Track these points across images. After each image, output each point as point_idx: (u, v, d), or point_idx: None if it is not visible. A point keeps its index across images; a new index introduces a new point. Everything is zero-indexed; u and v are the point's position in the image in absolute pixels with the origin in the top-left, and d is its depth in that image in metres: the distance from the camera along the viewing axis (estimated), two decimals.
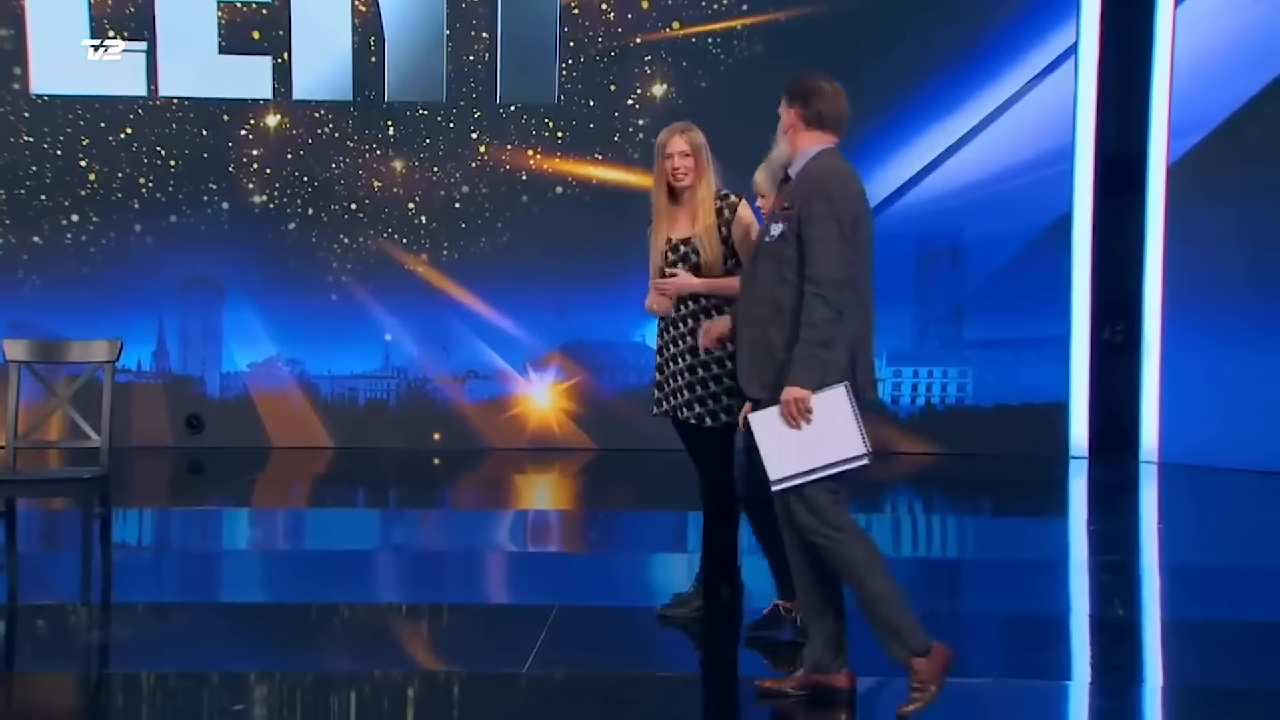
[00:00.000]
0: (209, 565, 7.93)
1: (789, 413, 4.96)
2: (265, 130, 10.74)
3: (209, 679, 5.69)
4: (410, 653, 6.13)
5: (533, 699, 5.44)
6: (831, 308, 4.93)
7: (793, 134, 5.23)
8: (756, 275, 5.16)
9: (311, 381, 10.95)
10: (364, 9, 10.62)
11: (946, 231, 10.99)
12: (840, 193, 5.05)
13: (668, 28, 10.76)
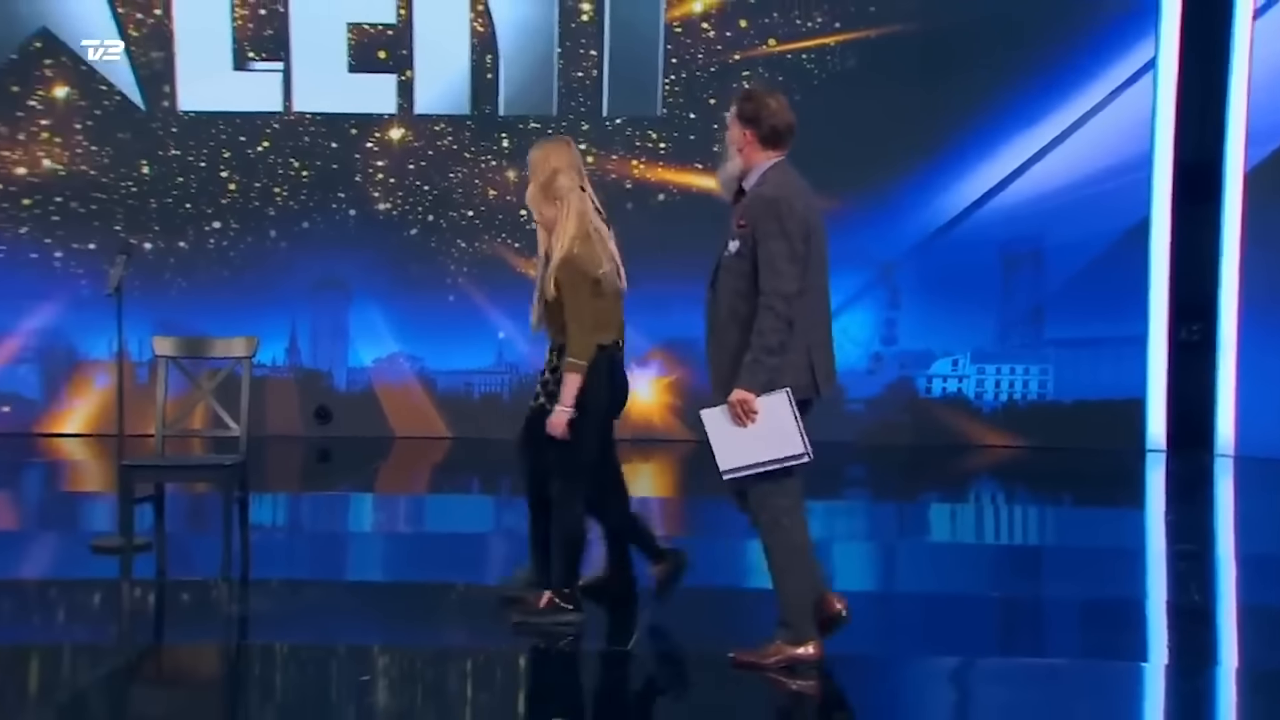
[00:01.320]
0: (337, 546, 8.05)
1: (735, 412, 5.12)
2: (389, 143, 10.87)
3: (338, 651, 5.79)
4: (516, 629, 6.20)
5: (637, 675, 5.48)
6: (780, 318, 5.05)
7: (747, 151, 5.28)
8: (717, 288, 5.28)
9: (430, 376, 11.07)
10: (481, 29, 10.71)
11: (1029, 236, 10.92)
12: (789, 211, 5.13)
13: (764, 44, 10.76)
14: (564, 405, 5.73)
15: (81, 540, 7.54)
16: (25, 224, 10.69)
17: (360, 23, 10.69)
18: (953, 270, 10.82)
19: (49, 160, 10.74)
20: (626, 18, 10.71)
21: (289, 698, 5.45)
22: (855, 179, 10.65)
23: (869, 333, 11.02)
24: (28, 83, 10.66)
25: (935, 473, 10.51)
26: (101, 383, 10.58)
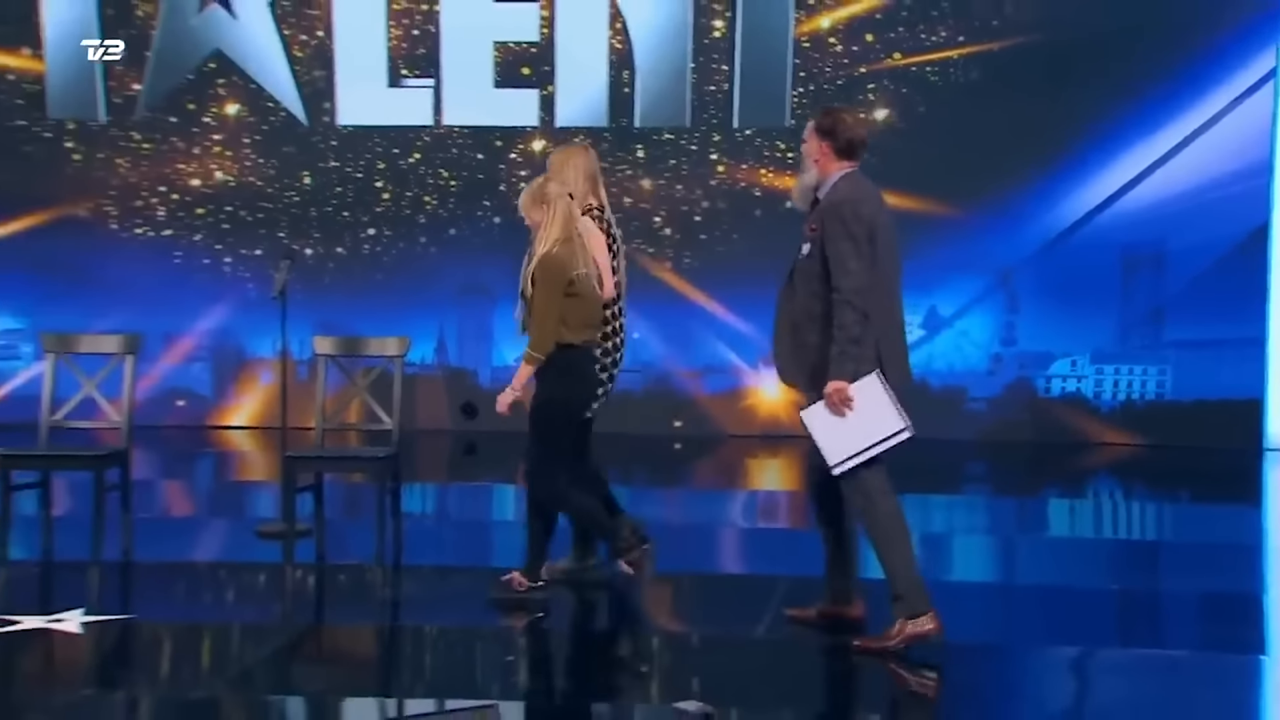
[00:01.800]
0: (482, 534, 8.14)
1: (832, 404, 5.25)
2: (532, 154, 10.96)
3: (482, 633, 5.86)
4: (655, 616, 6.22)
5: (769, 660, 5.48)
6: (856, 310, 5.20)
7: (822, 162, 5.41)
8: (793, 289, 5.42)
9: None
10: (619, 46, 10.77)
11: (1150, 240, 10.72)
12: (853, 213, 5.27)
13: (890, 58, 10.69)
14: (513, 388, 5.91)
15: (248, 526, 7.71)
16: (199, 231, 10.95)
17: (505, 41, 10.80)
18: (1072, 274, 10.67)
19: (220, 172, 10.99)
20: (757, 34, 10.70)
21: (438, 676, 5.53)
22: (977, 187, 10.55)
23: (989, 335, 10.90)
24: (203, 101, 10.92)
25: (1054, 469, 10.37)
26: (266, 379, 10.81)
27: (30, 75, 10.84)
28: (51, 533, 6.92)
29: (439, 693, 5.26)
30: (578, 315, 5.89)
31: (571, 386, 5.92)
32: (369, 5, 10.76)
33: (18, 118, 10.85)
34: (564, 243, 5.88)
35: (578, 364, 5.93)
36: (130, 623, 5.90)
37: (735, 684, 5.21)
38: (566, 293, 5.85)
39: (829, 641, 5.57)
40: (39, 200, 10.88)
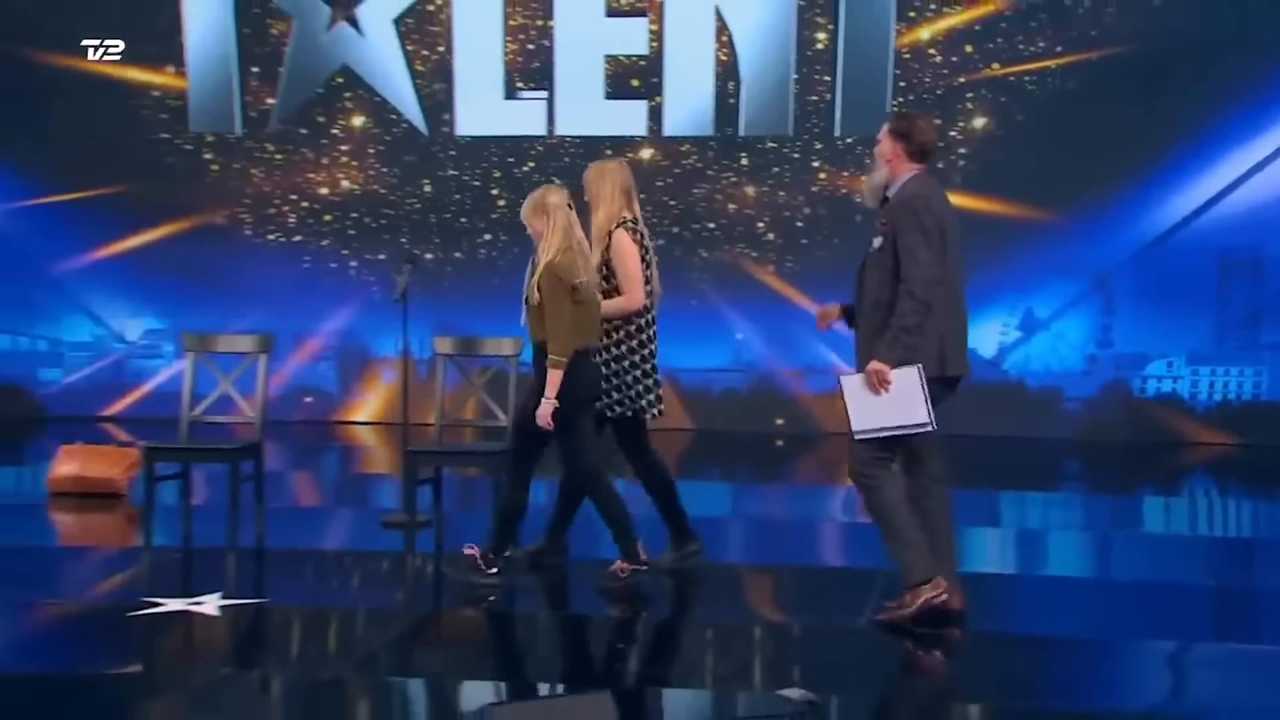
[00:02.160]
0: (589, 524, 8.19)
1: (870, 381, 5.34)
2: (640, 162, 11.00)
3: (592, 620, 5.91)
4: (757, 607, 6.22)
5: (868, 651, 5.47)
6: (918, 301, 5.28)
7: (894, 163, 5.50)
8: (865, 280, 5.52)
9: (674, 373, 11.14)
10: (724, 59, 10.78)
11: (1246, 244, 10.52)
12: (925, 207, 5.38)
13: (988, 68, 10.59)
14: (548, 397, 5.93)
15: (372, 516, 7.84)
16: (326, 237, 11.13)
17: (616, 54, 10.85)
18: (1169, 278, 10.49)
19: (347, 181, 11.17)
20: (859, 45, 10.65)
21: (549, 658, 5.59)
22: (1074, 193, 10.42)
23: (1085, 336, 10.76)
24: (331, 113, 11.10)
25: (1149, 468, 10.21)
26: (388, 378, 10.95)
27: (173, 92, 11.09)
28: (191, 521, 7.10)
29: (549, 674, 5.32)
30: (580, 321, 5.97)
31: (575, 384, 5.99)
32: (487, 21, 10.87)
33: (161, 131, 11.11)
34: (565, 251, 5.94)
35: (576, 365, 5.98)
36: (264, 606, 6.03)
37: (835, 673, 5.21)
38: (571, 299, 5.92)
39: (926, 632, 5.55)
40: (180, 209, 11.12)
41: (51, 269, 11.19)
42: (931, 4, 10.64)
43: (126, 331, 11.34)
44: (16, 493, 9.25)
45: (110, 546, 7.39)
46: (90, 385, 11.30)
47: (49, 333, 11.36)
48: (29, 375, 11.35)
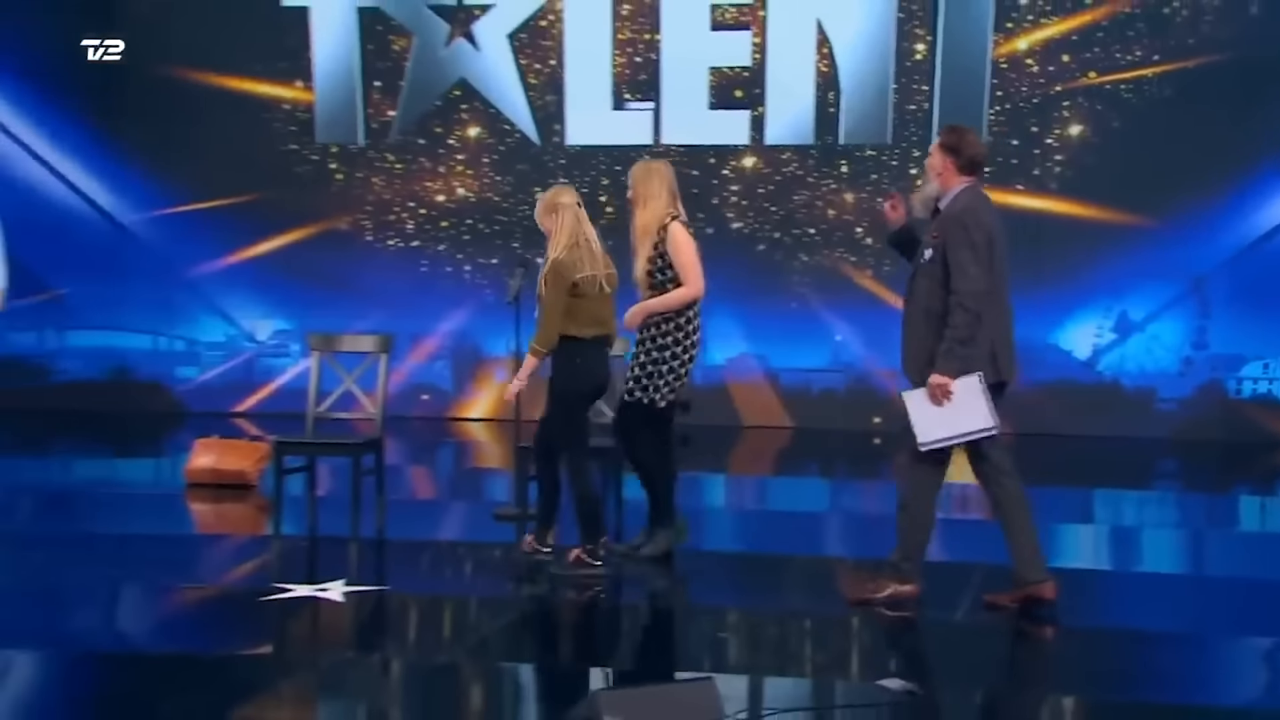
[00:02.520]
0: (695, 519, 8.18)
1: (932, 393, 5.42)
2: (743, 170, 10.99)
3: (697, 610, 5.92)
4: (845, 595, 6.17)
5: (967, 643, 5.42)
6: (969, 312, 5.32)
7: (945, 176, 5.51)
8: (915, 290, 5.56)
9: (774, 373, 11.13)
10: (825, 70, 10.71)
11: None
12: (974, 222, 5.40)
13: (1085, 76, 10.41)
14: (519, 378, 6.17)
15: (484, 509, 7.90)
16: (443, 242, 11.24)
17: (720, 66, 10.83)
18: (1265, 281, 10.24)
19: (462, 189, 11.27)
20: (956, 56, 10.52)
21: (653, 646, 5.60)
22: (1168, 199, 10.22)
23: (1180, 338, 10.54)
24: (448, 124, 11.21)
25: (1244, 467, 9.98)
26: (500, 377, 11.01)
27: (301, 105, 11.27)
28: (316, 511, 7.21)
29: (650, 661, 5.34)
30: (584, 313, 6.11)
31: (577, 374, 6.13)
32: (597, 35, 10.91)
33: (290, 143, 11.29)
34: (571, 248, 6.10)
35: (582, 355, 6.12)
36: (384, 593, 6.11)
37: (933, 665, 5.17)
38: (572, 293, 6.07)
39: (1023, 625, 5.49)
40: (306, 215, 11.29)
41: (189, 273, 11.42)
42: (1029, 15, 10.49)
43: (257, 332, 11.54)
44: (156, 483, 9.48)
45: (242, 534, 7.55)
46: (223, 383, 11.51)
47: (186, 333, 11.59)
48: (167, 373, 11.60)
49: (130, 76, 11.27)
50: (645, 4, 10.87)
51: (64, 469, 10.11)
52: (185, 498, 8.09)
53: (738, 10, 10.78)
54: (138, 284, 11.43)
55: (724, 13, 10.79)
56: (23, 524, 7.84)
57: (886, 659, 5.35)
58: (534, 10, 10.96)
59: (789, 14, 10.68)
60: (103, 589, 6.15)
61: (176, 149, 11.24)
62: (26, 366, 11.59)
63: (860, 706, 4.66)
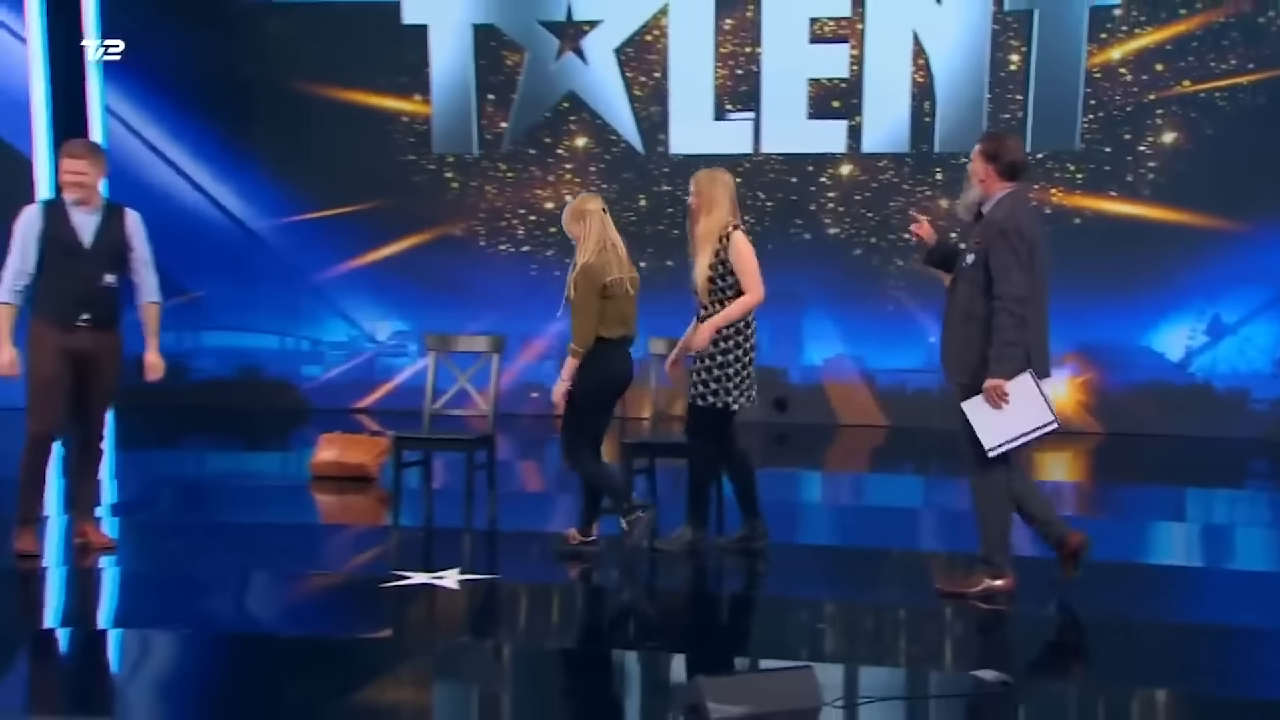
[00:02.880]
0: (793, 515, 8.16)
1: (990, 398, 5.41)
2: (840, 177, 10.94)
3: (793, 603, 5.90)
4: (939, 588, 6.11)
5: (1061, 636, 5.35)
6: (1014, 316, 5.31)
7: (987, 182, 5.46)
8: (957, 293, 5.54)
9: (870, 373, 11.07)
10: (921, 80, 10.63)
11: None
12: (1017, 228, 5.36)
13: (1179, 85, 10.21)
14: (563, 379, 6.20)
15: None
16: (551, 248, 11.32)
17: (818, 78, 10.79)
18: None
19: (570, 196, 11.28)
20: (1051, 65, 10.38)
21: (753, 635, 5.60)
22: (1261, 204, 10.00)
23: (1272, 341, 10.31)
24: (557, 135, 11.30)
25: None
26: None
27: (420, 118, 11.42)
28: (432, 503, 7.29)
29: (757, 653, 5.34)
30: (611, 314, 6.22)
31: (605, 372, 6.22)
32: (699, 49, 10.93)
33: (409, 154, 11.45)
34: (599, 252, 6.20)
35: (610, 354, 6.21)
36: (496, 582, 6.18)
37: (1025, 657, 5.11)
38: (601, 295, 6.16)
39: (1121, 621, 5.40)
40: (423, 222, 11.45)
41: (313, 277, 11.63)
42: (1123, 26, 10.30)
43: (376, 333, 11.72)
44: (283, 475, 9.65)
45: (363, 524, 7.66)
46: (345, 380, 11.70)
47: (311, 334, 11.81)
48: (293, 371, 11.82)
49: (261, 91, 11.51)
50: (747, 18, 10.86)
51: (199, 462, 10.34)
52: (310, 489, 8.22)
53: (836, 23, 10.73)
54: (267, 287, 11.65)
55: (822, 26, 10.75)
56: (162, 514, 8.03)
57: (980, 650, 5.30)
58: (640, 25, 11.00)
59: (886, 26, 10.61)
60: (235, 575, 6.28)
61: (303, 159, 11.45)
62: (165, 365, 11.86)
63: (955, 696, 4.62)
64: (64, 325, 6.14)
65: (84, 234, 6.18)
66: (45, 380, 6.14)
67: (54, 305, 6.14)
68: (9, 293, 6.12)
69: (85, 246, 6.17)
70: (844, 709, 4.41)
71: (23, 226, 6.14)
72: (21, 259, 6.12)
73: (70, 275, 6.13)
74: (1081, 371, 10.60)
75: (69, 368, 6.17)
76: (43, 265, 6.13)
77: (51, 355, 6.12)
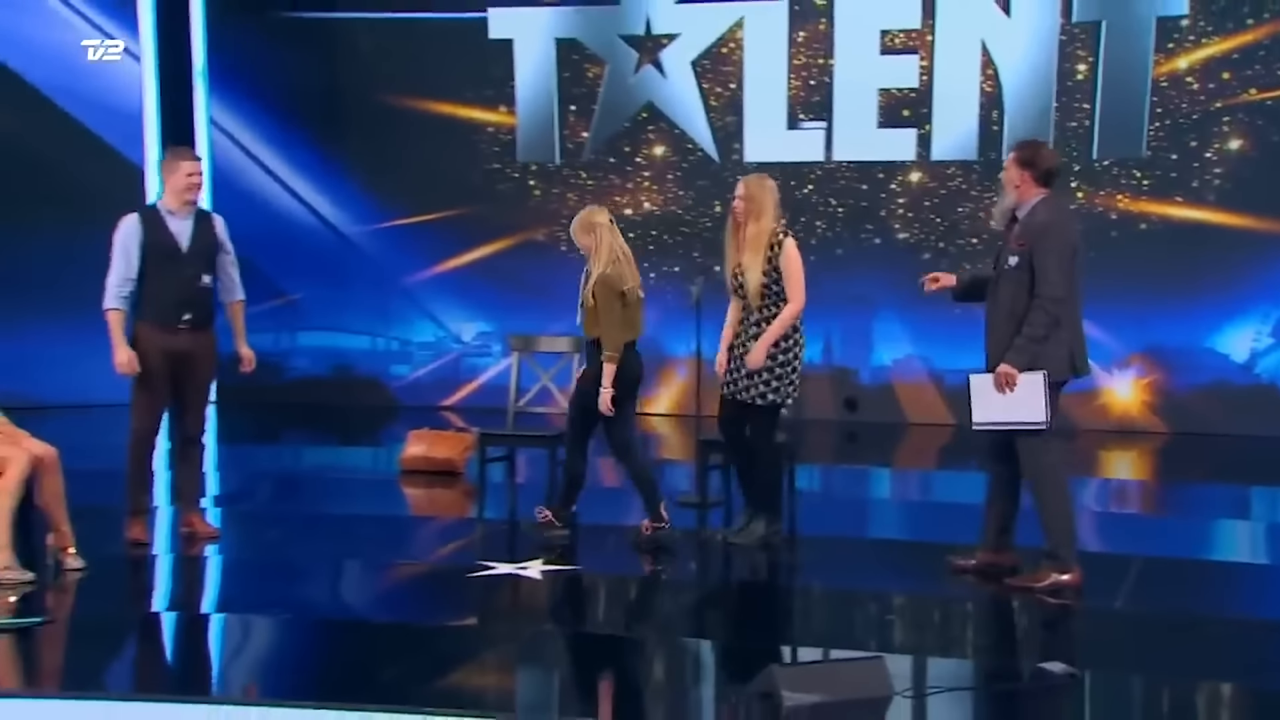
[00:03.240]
0: (862, 510, 8.13)
1: (998, 381, 5.49)
2: (909, 184, 10.85)
3: (861, 596, 5.87)
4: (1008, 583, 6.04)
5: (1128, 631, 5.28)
6: (1049, 314, 5.39)
7: (1023, 188, 5.53)
8: (999, 294, 5.57)
9: (938, 373, 10.96)
10: (989, 90, 10.50)
11: None
12: (1059, 232, 5.48)
13: (1245, 93, 10.00)
14: (605, 387, 6.19)
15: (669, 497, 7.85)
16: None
17: (889, 88, 10.71)
18: None
19: (648, 203, 11.36)
20: (1118, 75, 10.21)
21: (824, 628, 5.57)
22: None
23: None
24: (636, 144, 11.31)
25: None
26: (682, 375, 11.07)
27: (505, 128, 11.49)
28: (516, 497, 7.35)
29: (826, 644, 5.31)
30: (626, 320, 6.28)
31: (623, 373, 6.27)
32: (773, 61, 10.89)
33: (494, 162, 11.52)
34: (614, 263, 6.25)
35: (625, 357, 6.27)
36: (577, 573, 6.21)
37: (1094, 652, 5.04)
38: (620, 302, 6.22)
39: (1186, 616, 5.32)
40: (507, 228, 11.51)
41: (403, 280, 11.74)
42: (1190, 35, 10.12)
43: (462, 333, 11.81)
44: (374, 470, 9.75)
45: (450, 517, 7.72)
46: (433, 379, 11.79)
47: (400, 334, 11.92)
48: (383, 370, 11.95)
49: (353, 104, 11.66)
50: (819, 31, 10.81)
51: (296, 456, 10.49)
52: (400, 483, 8.29)
53: (906, 35, 10.64)
54: (359, 290, 11.79)
55: (893, 38, 10.67)
56: (262, 505, 8.17)
57: (1047, 644, 5.24)
58: (716, 38, 10.99)
59: (955, 38, 10.50)
60: (330, 563, 6.37)
61: (394, 168, 11.57)
62: (263, 364, 11.70)
63: (1022, 687, 4.58)
64: (166, 326, 6.25)
65: (181, 239, 6.29)
66: (149, 380, 6.27)
67: (157, 307, 6.26)
68: (116, 299, 6.24)
69: (183, 250, 6.28)
70: (913, 699, 4.39)
71: (124, 235, 6.25)
72: (126, 266, 6.23)
73: (171, 278, 6.25)
74: (1147, 373, 10.43)
75: (170, 367, 6.29)
76: (144, 270, 6.24)
77: (155, 355, 6.24)
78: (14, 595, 5.49)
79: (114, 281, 6.24)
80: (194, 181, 6.30)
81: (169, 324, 6.26)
